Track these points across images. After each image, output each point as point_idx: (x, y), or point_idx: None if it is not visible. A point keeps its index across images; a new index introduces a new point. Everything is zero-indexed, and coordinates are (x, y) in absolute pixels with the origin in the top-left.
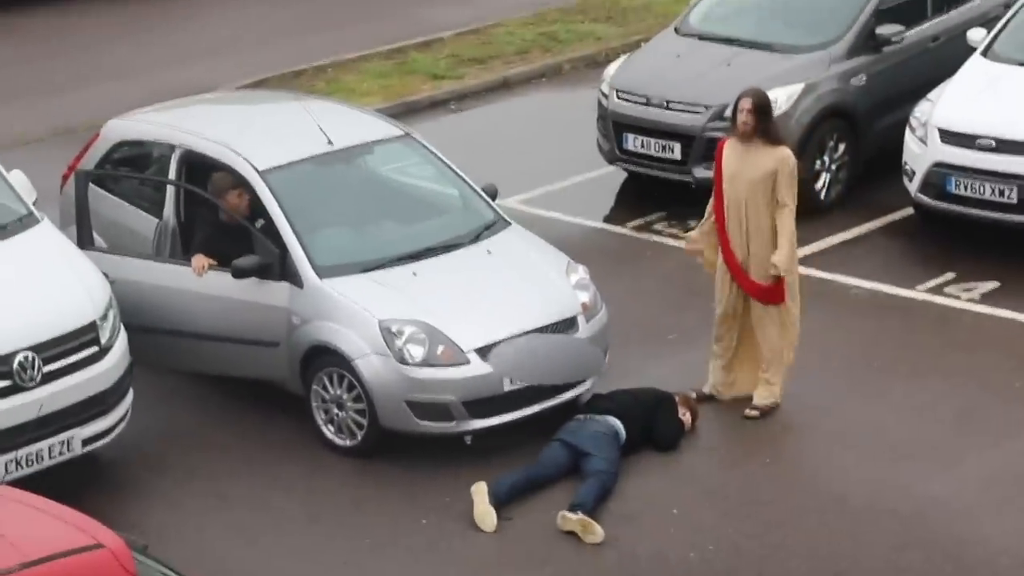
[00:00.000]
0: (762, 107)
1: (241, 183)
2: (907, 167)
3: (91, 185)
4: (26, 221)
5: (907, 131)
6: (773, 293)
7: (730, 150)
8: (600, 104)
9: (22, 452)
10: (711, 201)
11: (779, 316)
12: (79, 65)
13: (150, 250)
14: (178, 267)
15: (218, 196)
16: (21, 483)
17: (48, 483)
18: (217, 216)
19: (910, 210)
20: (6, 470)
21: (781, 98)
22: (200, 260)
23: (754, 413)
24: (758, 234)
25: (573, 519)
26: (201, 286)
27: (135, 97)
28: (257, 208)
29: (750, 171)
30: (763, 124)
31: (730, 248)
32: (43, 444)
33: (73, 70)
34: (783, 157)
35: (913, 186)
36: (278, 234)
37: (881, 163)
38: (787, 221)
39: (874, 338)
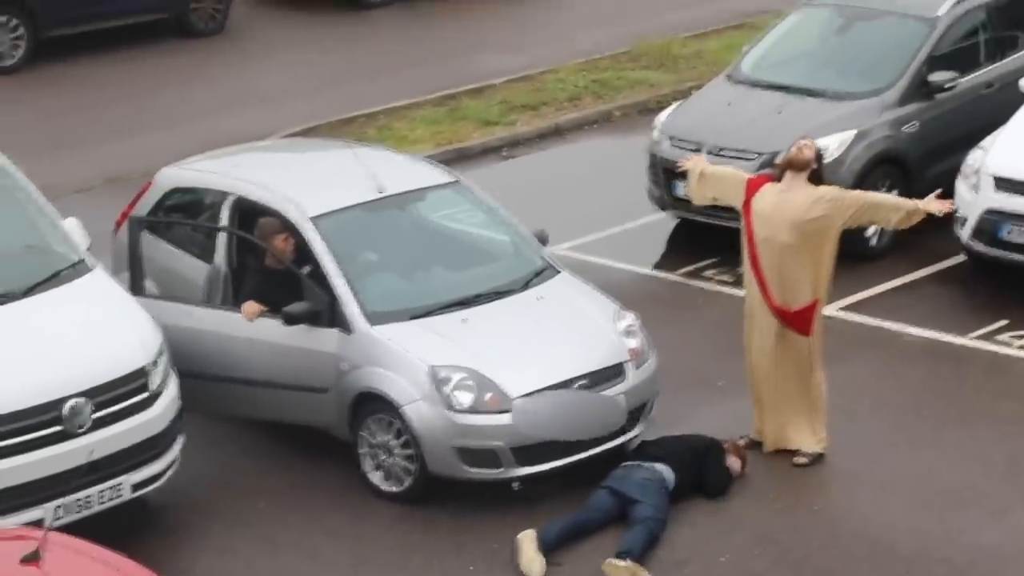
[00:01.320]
0: (819, 152)
1: (288, 228)
2: (959, 214)
3: (144, 232)
4: (79, 268)
5: (959, 178)
6: (803, 320)
7: (766, 191)
8: (651, 151)
9: (71, 498)
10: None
11: (808, 357)
12: (131, 113)
13: (201, 296)
14: (229, 313)
15: (264, 240)
16: (71, 528)
17: (98, 528)
18: (266, 262)
19: (962, 257)
20: (56, 515)
21: (833, 145)
22: (251, 306)
23: (803, 460)
24: (794, 285)
25: (621, 566)
26: (251, 332)
27: (186, 145)
28: (304, 253)
29: (789, 210)
30: (817, 164)
31: (765, 284)
32: (92, 490)
33: (125, 118)
34: (824, 191)
35: (965, 233)
36: (328, 280)
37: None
38: (879, 196)
39: (925, 385)
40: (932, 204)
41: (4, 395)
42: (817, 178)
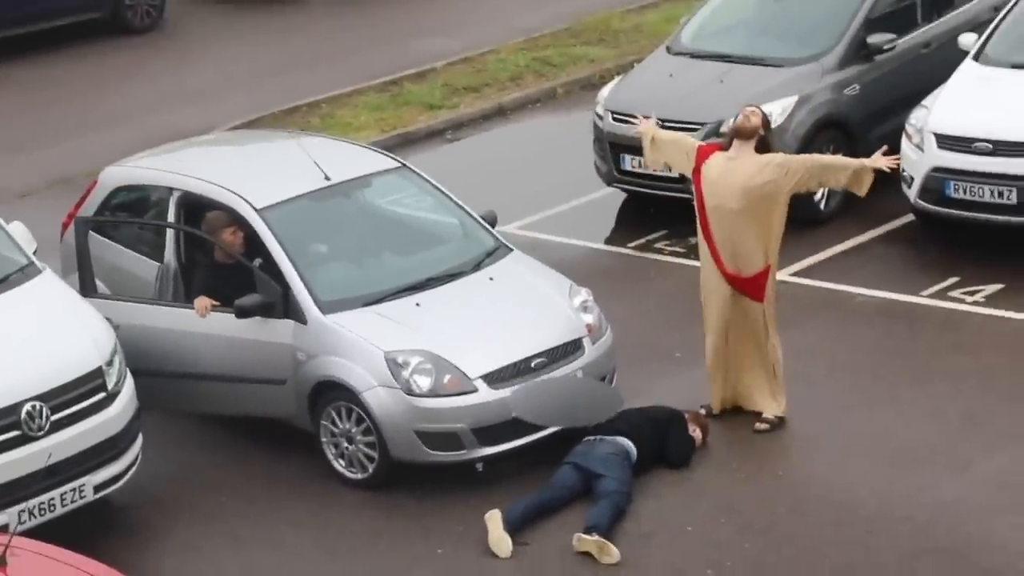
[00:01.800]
0: (766, 119)
1: (236, 221)
2: (905, 174)
3: (91, 232)
4: (28, 271)
5: (903, 138)
6: (756, 286)
7: (715, 159)
8: (596, 126)
9: (34, 501)
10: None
11: (763, 323)
12: (71, 114)
13: (153, 294)
14: (181, 310)
15: (212, 234)
16: (35, 532)
17: (62, 531)
18: (215, 257)
19: (910, 216)
20: (20, 520)
21: (776, 112)
22: (203, 301)
23: (764, 427)
24: (745, 252)
25: (589, 540)
26: (205, 327)
27: (129, 143)
28: (254, 245)
29: (737, 177)
30: (765, 131)
31: (717, 252)
32: (55, 492)
33: (65, 120)
34: (770, 157)
35: (912, 192)
36: (279, 272)
37: (879, 171)
38: (825, 157)
39: (880, 345)
40: (879, 160)
41: None
42: (765, 145)
